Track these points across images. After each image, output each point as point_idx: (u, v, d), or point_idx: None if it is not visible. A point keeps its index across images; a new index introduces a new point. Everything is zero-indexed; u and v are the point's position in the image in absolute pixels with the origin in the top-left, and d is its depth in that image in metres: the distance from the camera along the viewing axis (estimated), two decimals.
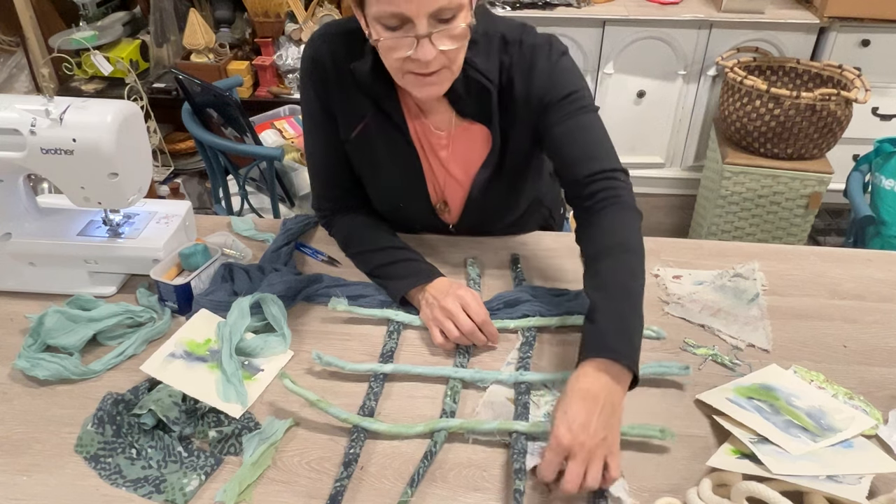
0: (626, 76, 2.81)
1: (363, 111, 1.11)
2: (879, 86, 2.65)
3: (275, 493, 0.83)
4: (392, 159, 1.15)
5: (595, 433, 0.79)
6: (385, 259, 1.14)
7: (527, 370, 0.98)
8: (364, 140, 1.13)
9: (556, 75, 1.06)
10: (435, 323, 1.03)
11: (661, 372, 0.96)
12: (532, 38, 1.07)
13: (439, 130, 1.13)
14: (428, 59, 0.93)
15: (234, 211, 2.10)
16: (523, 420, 0.90)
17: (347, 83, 1.09)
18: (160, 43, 2.85)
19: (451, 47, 0.95)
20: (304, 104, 1.16)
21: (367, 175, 1.19)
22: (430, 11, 0.90)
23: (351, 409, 0.92)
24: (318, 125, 1.16)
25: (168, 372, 0.96)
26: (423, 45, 0.92)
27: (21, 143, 1.02)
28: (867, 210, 1.80)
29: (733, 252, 1.26)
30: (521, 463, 0.84)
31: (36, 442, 0.90)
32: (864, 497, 0.77)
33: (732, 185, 2.47)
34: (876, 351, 1.05)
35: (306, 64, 1.12)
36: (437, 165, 1.17)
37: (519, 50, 1.06)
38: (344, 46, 1.08)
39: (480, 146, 1.13)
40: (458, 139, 1.13)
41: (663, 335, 1.05)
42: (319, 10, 2.74)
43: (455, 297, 1.03)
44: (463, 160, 1.15)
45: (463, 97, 1.07)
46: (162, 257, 1.12)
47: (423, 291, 1.07)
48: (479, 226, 1.26)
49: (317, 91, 1.12)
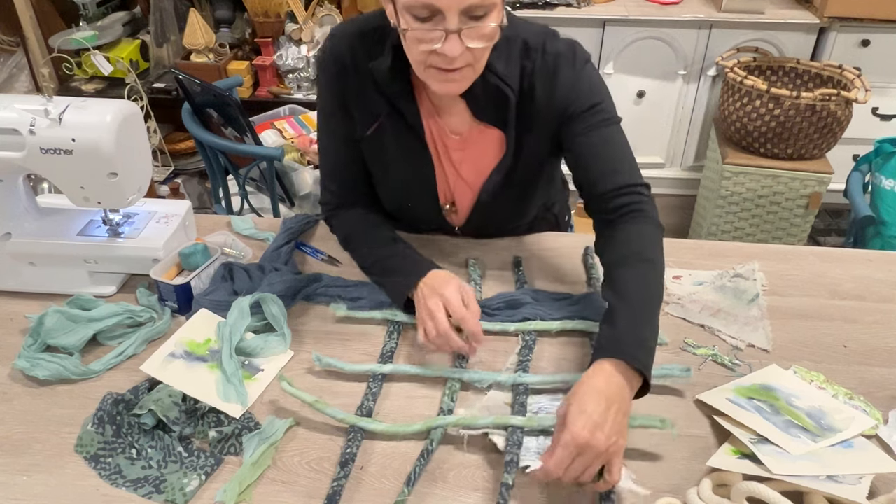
0: (626, 76, 2.81)
1: (379, 110, 1.11)
2: (879, 86, 2.65)
3: (275, 493, 0.83)
4: (404, 159, 1.14)
5: (608, 435, 0.79)
6: (382, 254, 1.13)
7: (525, 372, 0.98)
8: (378, 138, 1.13)
9: (581, 85, 1.05)
10: (420, 322, 1.01)
11: (663, 374, 0.95)
12: (555, 44, 1.06)
13: (454, 133, 1.13)
14: (454, 55, 0.92)
15: (234, 211, 2.10)
16: (520, 416, 0.90)
17: (365, 82, 1.09)
18: (160, 43, 2.85)
19: (479, 46, 0.94)
20: (321, 99, 1.16)
21: (378, 173, 1.19)
22: (462, 7, 0.89)
23: (350, 409, 0.92)
24: (332, 120, 1.15)
25: (168, 372, 0.96)
26: (451, 41, 0.91)
27: (21, 143, 1.02)
28: (867, 210, 1.80)
29: (733, 252, 1.26)
30: (514, 455, 0.84)
31: (36, 442, 0.90)
32: (864, 497, 0.77)
33: (732, 185, 2.47)
34: (876, 351, 1.05)
35: (326, 60, 1.11)
36: (448, 167, 1.16)
37: (542, 57, 1.05)
38: (363, 46, 1.08)
39: (494, 150, 1.13)
40: (473, 142, 1.13)
41: (665, 341, 1.04)
42: (319, 10, 2.74)
43: (438, 297, 1.00)
44: (475, 163, 1.15)
45: (480, 100, 1.07)
46: (162, 257, 1.12)
47: (418, 288, 1.05)
48: (485, 229, 1.26)
49: (335, 86, 1.11)
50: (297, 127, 2.37)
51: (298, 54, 2.72)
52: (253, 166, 2.02)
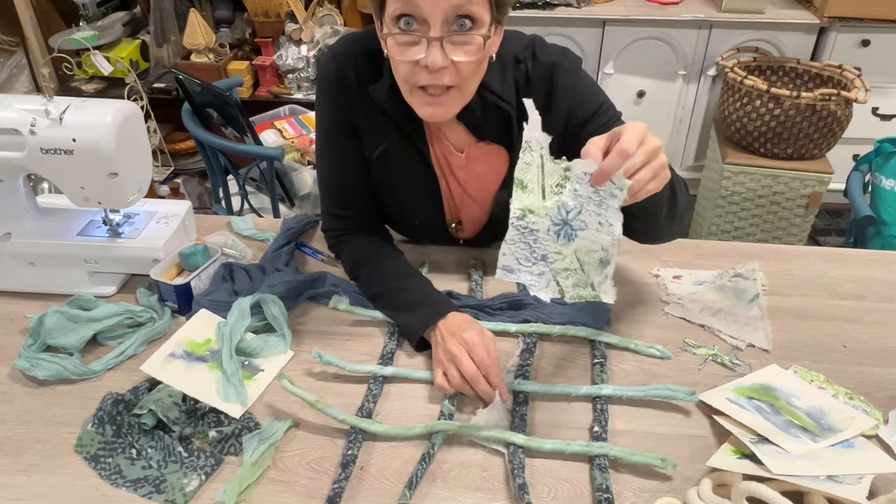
0: (626, 76, 2.81)
1: (385, 132, 1.08)
2: (879, 86, 2.65)
3: (275, 493, 0.83)
4: (410, 180, 1.12)
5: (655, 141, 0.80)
6: (395, 286, 1.08)
7: (526, 379, 0.97)
8: (384, 161, 1.11)
9: (581, 90, 1.04)
10: (438, 365, 0.96)
11: (668, 395, 0.94)
12: (546, 53, 1.04)
13: (458, 151, 1.11)
14: (436, 66, 0.89)
15: (234, 211, 2.10)
16: (520, 432, 0.89)
17: (370, 104, 1.06)
18: (160, 43, 2.85)
19: (464, 59, 0.90)
20: (322, 119, 1.11)
21: (385, 194, 1.17)
22: (445, 9, 0.86)
23: (350, 409, 0.92)
24: (335, 142, 1.12)
25: (168, 372, 0.96)
26: (433, 50, 0.88)
27: (21, 143, 1.02)
28: (867, 210, 1.80)
29: (733, 252, 1.26)
30: (523, 478, 0.83)
31: (36, 442, 0.90)
32: (864, 497, 0.77)
33: (732, 185, 2.47)
34: (876, 351, 1.05)
35: (329, 80, 1.07)
36: (454, 185, 1.15)
37: (535, 67, 1.03)
38: (368, 66, 1.05)
39: (497, 165, 1.11)
40: (475, 159, 1.11)
41: (668, 355, 1.03)
42: (319, 10, 2.74)
43: (460, 340, 0.95)
44: (480, 180, 1.13)
45: (481, 122, 1.05)
46: (162, 257, 1.12)
47: (436, 329, 1.00)
48: (491, 242, 1.25)
49: (340, 107, 1.08)
50: (297, 127, 2.38)
51: (298, 54, 2.72)
52: (253, 166, 2.02)
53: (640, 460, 0.85)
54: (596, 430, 0.90)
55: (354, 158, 1.12)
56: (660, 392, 0.94)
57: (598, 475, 0.83)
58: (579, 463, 0.86)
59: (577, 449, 0.86)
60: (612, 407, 0.94)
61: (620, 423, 0.92)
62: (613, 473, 0.84)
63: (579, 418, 0.93)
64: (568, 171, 0.80)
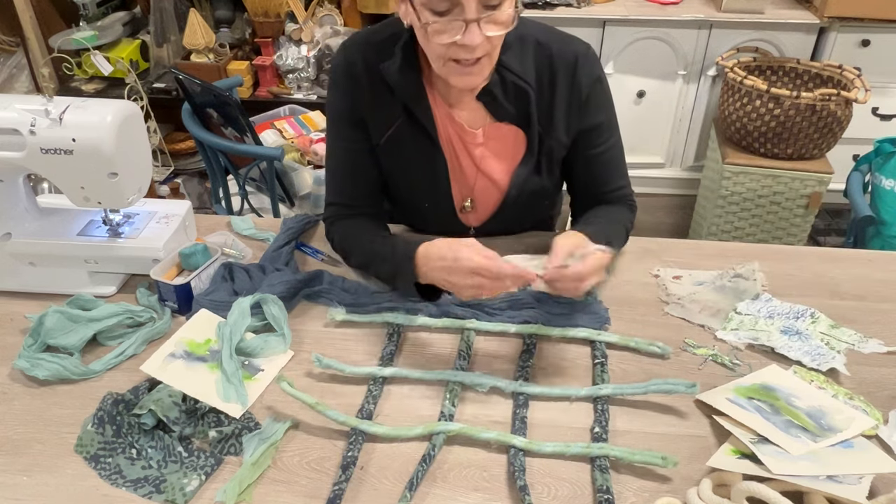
0: (626, 76, 2.81)
1: (393, 115, 1.12)
2: (879, 86, 2.65)
3: (275, 494, 0.83)
4: (418, 160, 1.15)
5: None
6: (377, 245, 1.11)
7: (526, 380, 0.97)
8: (394, 144, 1.14)
9: (600, 92, 1.12)
10: (459, 290, 0.97)
11: (668, 389, 0.94)
12: (573, 42, 1.11)
13: (473, 128, 1.14)
14: (475, 44, 0.95)
15: (234, 211, 2.10)
16: (521, 435, 0.89)
17: (379, 89, 1.10)
18: (160, 43, 2.85)
19: (497, 33, 0.97)
20: (331, 108, 1.16)
21: (395, 178, 1.19)
22: None
23: (350, 410, 0.92)
24: (342, 129, 1.16)
25: (168, 372, 0.96)
26: (472, 30, 0.95)
27: (21, 143, 1.02)
28: (867, 210, 1.80)
29: (733, 252, 1.26)
30: (524, 480, 0.83)
31: (36, 442, 0.90)
32: (864, 497, 0.77)
33: (732, 185, 2.47)
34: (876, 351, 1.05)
35: (339, 69, 1.13)
36: (468, 164, 1.17)
37: (560, 51, 1.09)
38: (376, 54, 1.10)
39: (513, 145, 1.15)
40: (492, 137, 1.15)
41: (668, 350, 1.03)
42: (319, 10, 2.74)
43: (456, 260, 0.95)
44: (498, 158, 1.16)
45: (500, 100, 1.09)
46: (162, 257, 1.12)
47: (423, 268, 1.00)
48: (502, 229, 1.25)
49: (348, 95, 1.13)
50: (297, 127, 2.38)
51: (298, 54, 2.72)
52: (253, 166, 2.02)
53: (640, 459, 0.85)
54: (597, 430, 0.90)
55: (358, 146, 1.15)
56: (660, 387, 0.94)
57: (598, 476, 0.83)
58: (580, 463, 0.86)
59: (578, 451, 0.86)
60: (612, 407, 0.94)
61: (621, 423, 0.92)
62: (613, 473, 0.84)
63: (580, 418, 0.93)
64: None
